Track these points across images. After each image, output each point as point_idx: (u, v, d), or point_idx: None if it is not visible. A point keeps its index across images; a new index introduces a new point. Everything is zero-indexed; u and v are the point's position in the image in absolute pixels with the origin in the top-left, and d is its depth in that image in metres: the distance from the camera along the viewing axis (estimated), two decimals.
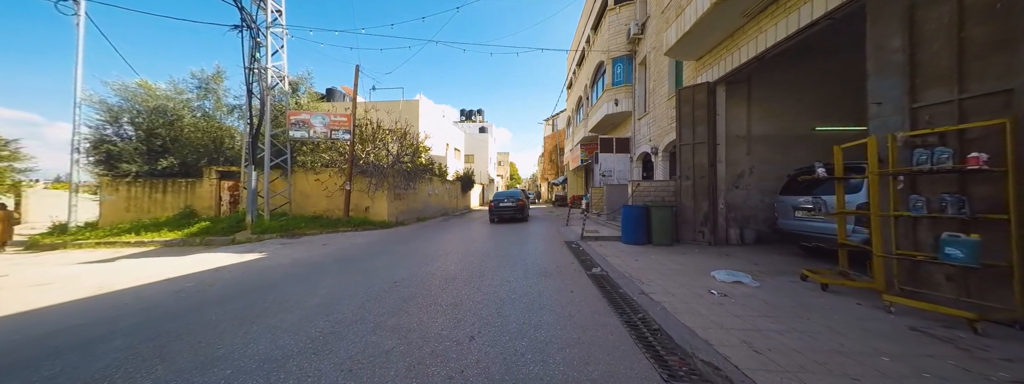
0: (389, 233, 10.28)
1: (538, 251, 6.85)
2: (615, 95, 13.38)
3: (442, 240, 8.67)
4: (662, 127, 10.33)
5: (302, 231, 9.72)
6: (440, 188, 18.83)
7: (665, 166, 10.37)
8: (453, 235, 9.71)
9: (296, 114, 10.53)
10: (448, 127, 27.37)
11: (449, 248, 7.34)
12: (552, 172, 35.12)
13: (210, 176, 11.26)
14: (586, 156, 18.46)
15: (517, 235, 9.49)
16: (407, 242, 8.36)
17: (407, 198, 14.05)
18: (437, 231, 10.84)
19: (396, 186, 12.66)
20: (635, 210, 7.49)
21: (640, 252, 6.51)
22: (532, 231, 10.48)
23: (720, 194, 7.51)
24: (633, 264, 5.42)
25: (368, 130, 12.22)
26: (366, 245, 8.00)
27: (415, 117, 20.69)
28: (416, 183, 14.88)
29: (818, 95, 7.98)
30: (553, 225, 12.28)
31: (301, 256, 6.68)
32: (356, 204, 11.94)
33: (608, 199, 10.71)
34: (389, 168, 12.32)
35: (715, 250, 6.75)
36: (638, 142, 12.60)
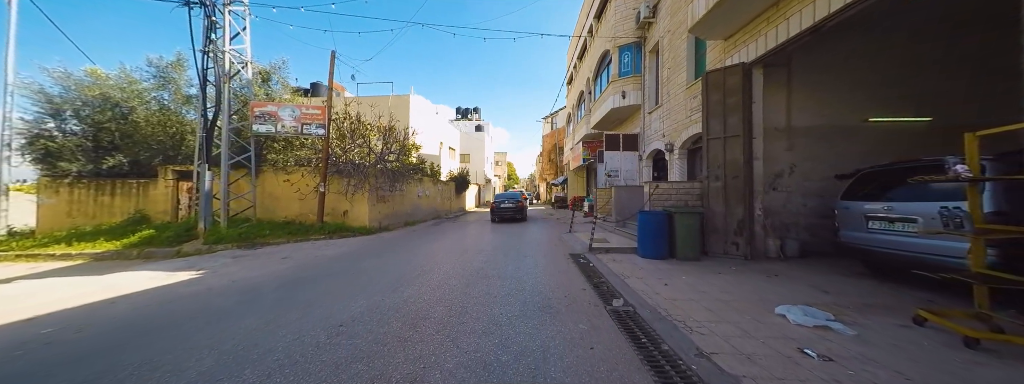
0: (368, 241, 8.98)
1: (539, 269, 5.57)
2: (622, 87, 12.12)
3: (426, 251, 7.38)
4: (679, 120, 9.08)
5: (265, 240, 8.40)
6: (432, 189, 17.53)
7: (683, 165, 9.12)
8: (440, 244, 8.42)
9: (261, 106, 9.21)
10: (442, 125, 26.06)
11: (430, 263, 6.05)
12: (551, 172, 33.86)
13: (166, 176, 9.92)
14: (588, 155, 17.21)
15: (514, 244, 8.21)
16: (383, 254, 7.07)
17: (393, 200, 12.75)
18: (424, 239, 9.55)
19: (380, 187, 11.36)
20: (655, 217, 6.23)
21: (665, 270, 5.24)
22: (531, 238, 9.21)
23: (757, 197, 6.25)
24: (663, 291, 4.15)
25: (347, 125, 10.90)
26: (333, 258, 6.69)
27: (405, 113, 19.36)
28: (404, 184, 13.58)
29: (870, 79, 6.74)
30: (554, 231, 11.00)
31: (245, 276, 5.37)
32: (333, 208, 10.63)
33: (617, 202, 9.46)
34: (371, 167, 11.01)
35: (756, 267, 5.49)
36: (648, 138, 11.35)
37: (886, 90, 6.69)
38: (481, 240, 9.08)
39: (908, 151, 6.56)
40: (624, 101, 12.12)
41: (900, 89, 6.66)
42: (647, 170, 11.72)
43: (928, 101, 6.68)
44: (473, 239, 9.32)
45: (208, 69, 8.26)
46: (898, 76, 6.65)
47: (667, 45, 9.88)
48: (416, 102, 20.57)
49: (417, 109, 20.61)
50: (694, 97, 8.29)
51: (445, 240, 9.17)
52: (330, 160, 10.34)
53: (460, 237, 9.78)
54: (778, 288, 4.24)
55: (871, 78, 6.72)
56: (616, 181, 12.43)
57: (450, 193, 21.08)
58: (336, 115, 10.85)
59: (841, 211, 4.98)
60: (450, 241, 8.96)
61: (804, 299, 3.79)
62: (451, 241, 8.96)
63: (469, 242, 8.73)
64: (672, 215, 6.25)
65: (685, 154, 9.12)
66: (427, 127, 21.74)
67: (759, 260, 6.02)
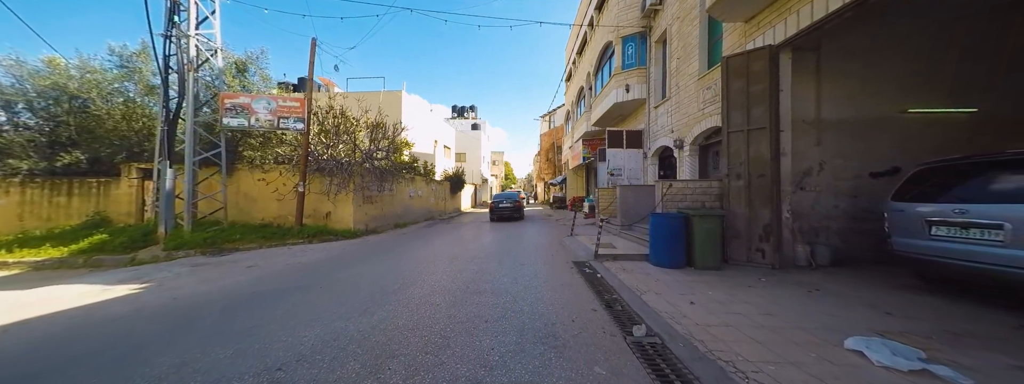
0: (350, 246, 8.18)
1: (539, 281, 4.81)
2: (626, 80, 11.39)
3: (413, 258, 6.60)
4: (690, 114, 8.35)
5: (235, 245, 7.58)
6: (425, 189, 16.73)
7: (694, 163, 8.40)
8: (430, 249, 7.63)
9: (232, 97, 8.37)
10: (436, 122, 25.25)
11: (415, 274, 5.27)
12: (549, 171, 33.13)
13: (130, 175, 9.06)
14: (589, 153, 16.49)
15: (511, 249, 7.44)
16: (363, 262, 6.28)
17: (381, 201, 11.94)
18: (412, 243, 8.76)
19: (366, 187, 10.55)
20: (670, 221, 5.49)
21: (685, 283, 4.50)
22: (530, 242, 8.44)
23: (784, 198, 5.53)
24: (691, 312, 3.41)
25: (330, 120, 10.07)
26: (306, 267, 5.90)
27: (397, 110, 18.55)
28: (394, 184, 12.78)
29: (904, 67, 6.04)
30: (554, 233, 10.25)
31: (193, 291, 4.56)
32: (315, 209, 9.82)
33: (622, 203, 8.72)
34: (357, 166, 10.20)
35: (788, 278, 4.76)
36: (654, 134, 10.62)
37: (925, 78, 5.98)
38: (475, 244, 8.31)
39: (945, 145, 5.88)
40: (628, 95, 11.38)
41: (941, 77, 5.95)
42: (652, 168, 10.99)
43: (972, 91, 5.99)
44: (467, 243, 8.55)
45: (171, 56, 7.42)
46: (931, 65, 5.95)
47: (676, 33, 9.16)
48: (408, 98, 19.76)
49: (410, 106, 19.80)
50: (708, 88, 7.57)
51: (436, 244, 8.39)
52: (311, 157, 9.53)
53: (453, 241, 9.00)
54: (829, 308, 3.51)
55: (904, 66, 6.02)
56: (619, 180, 11.70)
57: (445, 193, 20.28)
58: (317, 109, 10.01)
59: (893, 214, 4.26)
60: (441, 245, 8.18)
61: (867, 324, 3.06)
62: (442, 245, 8.18)
63: (462, 247, 7.95)
64: (689, 218, 5.51)
65: (696, 151, 8.40)
66: (420, 124, 20.93)
67: (788, 269, 5.30)
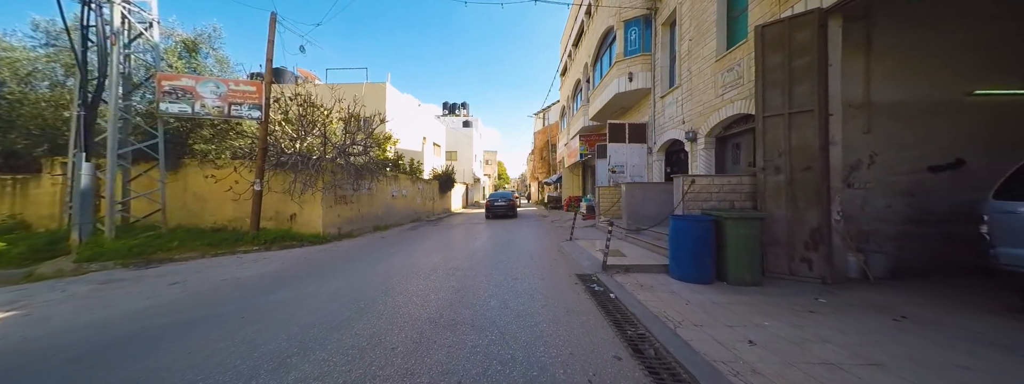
0: (313, 254, 6.99)
1: (537, 304, 3.70)
2: (628, 68, 10.36)
3: (382, 270, 5.45)
4: (705, 102, 7.34)
5: (170, 254, 6.32)
6: (410, 188, 15.51)
7: (709, 157, 7.39)
8: (406, 258, 6.49)
9: (171, 78, 7.08)
10: (425, 118, 24.01)
11: (377, 295, 4.13)
12: (543, 170, 32.10)
13: (53, 171, 7.71)
14: (586, 149, 15.46)
15: (502, 257, 6.33)
16: (317, 277, 5.11)
17: (358, 201, 10.72)
18: (389, 249, 7.60)
19: (338, 185, 9.33)
20: (697, 225, 4.43)
21: (726, 306, 3.44)
22: (524, 248, 7.34)
23: (834, 196, 4.52)
24: (755, 358, 2.33)
25: (295, 108, 8.82)
26: (242, 285, 4.71)
27: (381, 103, 17.27)
28: (373, 182, 11.56)
29: (971, 41, 5.09)
30: (551, 237, 9.16)
31: (72, 322, 3.37)
32: (278, 211, 8.57)
33: (628, 203, 7.67)
34: (328, 161, 8.98)
35: (851, 298, 3.75)
36: (660, 127, 9.61)
37: (995, 55, 5.03)
38: (461, 251, 7.17)
39: (1022, 134, 5.00)
40: (631, 84, 10.36)
41: (1016, 54, 5.01)
42: (658, 165, 9.98)
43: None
44: (452, 249, 7.41)
45: (90, 27, 6.13)
46: (1015, 36, 5.00)
47: (687, 12, 8.14)
48: (394, 92, 18.51)
49: (395, 99, 18.55)
50: (728, 70, 6.56)
51: (415, 251, 7.23)
52: (273, 151, 8.28)
53: (436, 246, 7.85)
54: (948, 352, 2.47)
55: (977, 38, 5.06)
56: (621, 178, 10.66)
57: (433, 193, 19.08)
58: (279, 96, 8.73)
59: (997, 217, 3.26)
60: (422, 252, 7.03)
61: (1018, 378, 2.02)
62: (423, 252, 7.03)
63: (445, 254, 6.81)
64: (720, 222, 4.47)
65: (712, 143, 7.39)
66: (407, 120, 19.68)
67: (842, 284, 4.29)
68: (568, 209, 18.30)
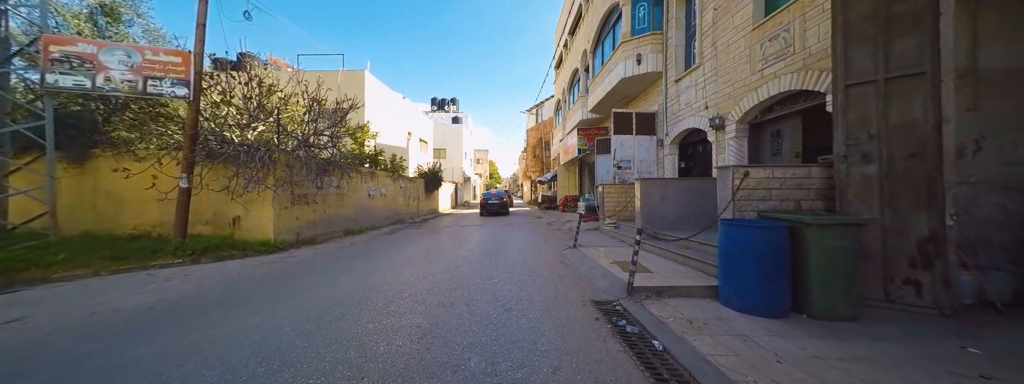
0: (251, 269, 5.53)
1: (545, 365, 2.33)
2: (637, 48, 9.09)
3: (326, 298, 4.05)
4: (737, 80, 6.10)
5: (51, 271, 4.77)
6: (391, 187, 14.01)
7: (741, 147, 6.14)
8: (367, 277, 5.09)
9: (62, 42, 5.49)
10: (410, 113, 22.46)
11: (298, 345, 2.73)
12: (536, 169, 30.81)
13: None
14: (585, 144, 14.19)
15: (491, 275, 4.95)
16: (235, 309, 3.69)
17: (325, 201, 9.21)
18: (351, 262, 6.18)
19: (297, 182, 7.83)
20: (766, 234, 3.14)
21: (842, 367, 2.12)
22: (519, 259, 5.97)
23: (948, 193, 3.27)
24: None
25: (238, 89, 7.25)
26: (110, 324, 3.30)
27: (359, 93, 15.70)
28: (345, 179, 10.06)
29: None
30: (550, 242, 7.81)
31: None
32: (217, 214, 7.05)
33: (645, 203, 6.37)
34: (282, 153, 7.48)
35: (1010, 345, 2.48)
36: (675, 115, 8.36)
37: None
38: (442, 262, 5.78)
39: None
40: (639, 68, 9.09)
41: None
42: (670, 159, 8.73)
43: None
44: (431, 260, 6.01)
45: None
46: None
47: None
48: (375, 82, 16.94)
49: (376, 90, 16.99)
50: (772, 38, 5.31)
51: (385, 263, 5.82)
52: (213, 140, 6.74)
53: (413, 256, 6.44)
54: None
55: None
56: (627, 174, 9.39)
57: (417, 192, 17.58)
58: (212, 74, 7.09)
59: None
60: (392, 266, 5.62)
61: None
62: (393, 266, 5.62)
63: (421, 267, 5.41)
64: (798, 229, 3.17)
65: (745, 131, 6.14)
66: (390, 112, 18.14)
67: (964, 316, 3.05)
68: (564, 209, 17.02)
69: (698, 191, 6.22)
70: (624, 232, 7.70)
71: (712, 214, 6.16)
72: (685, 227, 6.14)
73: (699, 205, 6.19)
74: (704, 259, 4.37)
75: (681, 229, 6.10)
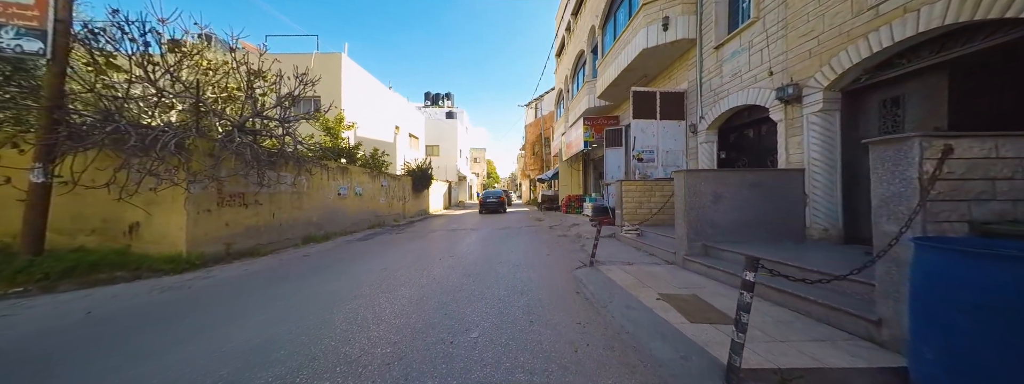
0: (124, 302, 3.79)
1: None
2: (663, 10, 7.29)
3: (190, 373, 2.17)
4: (824, 32, 4.30)
5: None
6: (369, 185, 12.19)
7: (830, 124, 4.34)
8: (274, 328, 3.28)
9: None
10: (398, 105, 20.62)
11: None
12: (535, 167, 29.02)
13: None
14: (592, 136, 12.39)
15: (473, 328, 3.12)
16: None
17: (273, 202, 7.40)
18: (282, 288, 4.45)
19: (226, 177, 5.99)
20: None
21: None
22: (519, 290, 4.15)
23: None
24: None
25: (129, 46, 5.32)
26: None
27: (334, 80, 13.88)
28: (303, 175, 8.25)
29: None
30: (558, 256, 6.00)
31: None
32: (107, 219, 5.24)
33: (690, 205, 4.53)
34: (208, 141, 5.65)
35: None
36: (715, 92, 6.56)
37: None
38: (400, 293, 3.98)
39: None
40: (666, 36, 7.29)
41: None
42: (707, 149, 6.93)
43: None
44: (390, 287, 4.21)
45: None
46: None
47: None
48: (353, 66, 15.10)
49: (355, 76, 15.15)
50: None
51: (327, 292, 4.02)
52: (106, 121, 4.87)
53: (370, 279, 4.65)
54: None
55: None
56: (650, 168, 7.60)
57: (403, 191, 15.75)
58: (94, 29, 5.10)
59: None
60: (334, 297, 3.83)
61: None
62: (337, 296, 3.83)
63: (369, 303, 3.61)
64: None
65: (837, 101, 4.33)
66: (374, 103, 16.31)
67: None
68: (567, 210, 15.23)
69: (768, 188, 4.43)
70: (651, 242, 5.89)
71: (788, 220, 4.34)
72: (749, 238, 4.35)
73: (769, 208, 4.40)
74: (839, 304, 2.55)
75: (742, 241, 4.31)
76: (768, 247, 4.06)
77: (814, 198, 4.40)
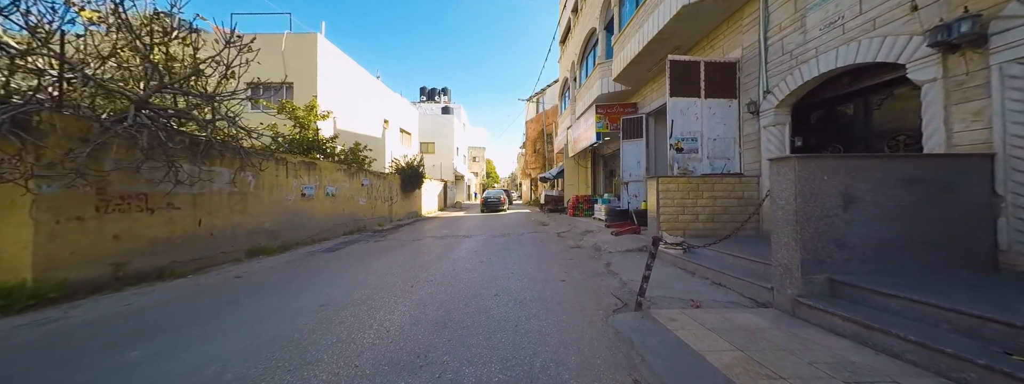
0: None
1: None
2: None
3: None
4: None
5: None
6: (346, 184, 10.44)
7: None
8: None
9: None
10: (387, 97, 18.87)
11: None
12: (536, 165, 27.28)
13: None
14: (606, 126, 10.62)
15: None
16: None
17: (203, 206, 5.68)
18: (158, 344, 2.61)
19: (114, 169, 4.24)
20: None
21: None
22: (520, 374, 2.38)
23: None
24: None
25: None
26: None
27: (309, 65, 12.14)
28: (246, 170, 6.52)
29: None
30: (575, 285, 4.24)
31: None
32: None
33: (807, 213, 2.77)
34: (72, 117, 3.90)
35: None
36: (793, 55, 4.81)
37: None
38: (330, 371, 2.19)
39: None
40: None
41: None
42: (775, 133, 5.19)
43: None
44: (315, 353, 2.46)
45: None
46: None
47: None
48: (330, 48, 13.34)
49: (333, 60, 13.39)
50: None
51: (214, 366, 2.23)
52: None
53: (304, 329, 2.92)
54: None
55: None
56: (692, 161, 5.86)
57: (389, 191, 14.00)
58: None
59: None
60: (211, 374, 2.03)
61: None
62: (223, 368, 2.03)
63: (290, 366, 1.83)
64: None
65: None
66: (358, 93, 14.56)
67: None
68: (575, 212, 13.48)
69: (931, 185, 2.69)
70: (710, 262, 4.13)
71: (962, 237, 2.91)
72: (898, 266, 2.61)
73: (931, 217, 2.66)
74: None
75: (890, 272, 2.58)
76: (940, 284, 2.34)
77: (1020, 201, 2.64)
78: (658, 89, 8.80)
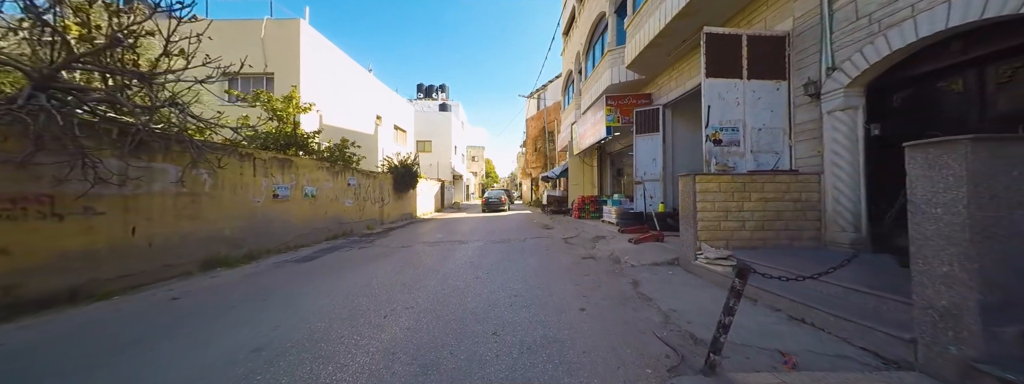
0: None
1: None
2: None
3: None
4: None
5: None
6: (330, 183, 9.43)
7: None
8: None
9: None
10: (379, 92, 17.85)
11: None
12: (537, 164, 26.27)
13: None
14: (617, 119, 9.61)
15: None
16: None
17: (142, 209, 4.73)
18: None
19: (4, 161, 3.21)
20: None
21: None
22: None
23: None
24: None
25: None
26: None
27: (292, 53, 11.12)
28: (210, 169, 5.51)
29: None
30: (601, 313, 3.22)
31: None
32: None
33: (978, 226, 1.82)
34: None
35: None
36: (863, 26, 3.79)
37: None
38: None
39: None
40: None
41: None
42: (845, 121, 4.20)
43: None
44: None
45: None
46: None
47: None
48: (314, 36, 12.32)
49: (318, 49, 12.36)
50: None
51: None
52: None
53: None
54: None
55: None
56: (733, 155, 4.84)
57: (381, 191, 12.98)
58: None
59: None
60: None
61: None
62: None
63: None
64: None
65: None
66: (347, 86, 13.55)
67: None
68: (580, 214, 12.48)
69: None
70: (783, 290, 3.11)
71: None
72: None
73: None
74: None
75: None
76: None
77: None
78: (677, 77, 7.80)
